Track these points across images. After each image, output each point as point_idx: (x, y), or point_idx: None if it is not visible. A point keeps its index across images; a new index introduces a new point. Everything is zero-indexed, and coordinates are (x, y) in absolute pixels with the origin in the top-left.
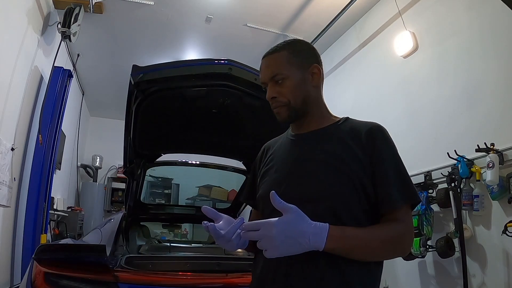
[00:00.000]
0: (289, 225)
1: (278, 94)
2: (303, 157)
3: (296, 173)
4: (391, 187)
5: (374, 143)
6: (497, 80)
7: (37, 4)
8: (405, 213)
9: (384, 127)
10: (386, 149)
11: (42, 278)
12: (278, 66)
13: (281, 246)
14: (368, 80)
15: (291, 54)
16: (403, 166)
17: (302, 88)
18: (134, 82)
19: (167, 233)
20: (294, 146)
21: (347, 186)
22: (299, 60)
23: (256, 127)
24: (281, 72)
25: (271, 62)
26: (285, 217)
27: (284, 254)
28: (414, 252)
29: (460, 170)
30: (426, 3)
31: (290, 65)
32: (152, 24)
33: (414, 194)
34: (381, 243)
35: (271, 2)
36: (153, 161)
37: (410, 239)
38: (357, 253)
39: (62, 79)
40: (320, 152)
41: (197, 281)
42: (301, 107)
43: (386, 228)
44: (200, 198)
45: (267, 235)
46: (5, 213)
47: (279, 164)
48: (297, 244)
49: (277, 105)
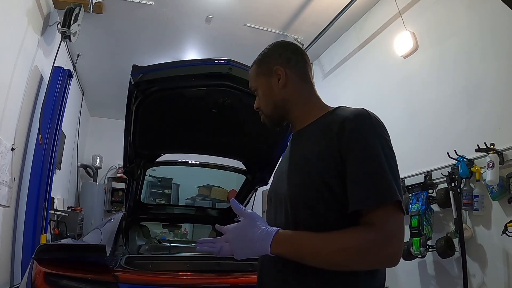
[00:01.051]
0: (241, 231)
1: (258, 105)
2: (286, 158)
3: (281, 175)
4: (356, 186)
5: (344, 136)
6: (497, 80)
7: (37, 4)
8: (382, 216)
9: (365, 115)
10: (356, 142)
11: (42, 278)
12: (251, 80)
13: (237, 250)
14: (368, 80)
15: (257, 65)
16: (380, 161)
17: (270, 95)
18: (134, 82)
19: (167, 233)
20: (288, 147)
21: (310, 187)
22: (263, 69)
23: (256, 127)
24: (252, 85)
25: (249, 77)
26: (240, 223)
27: (245, 256)
28: (414, 252)
29: (460, 170)
30: (426, 3)
31: (258, 76)
32: (152, 24)
33: (388, 193)
34: (338, 251)
35: (271, 2)
36: (153, 161)
37: (389, 246)
38: (308, 260)
39: (62, 79)
40: (294, 153)
41: (197, 281)
42: (275, 113)
43: (350, 234)
44: (200, 198)
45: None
46: (5, 213)
47: (279, 164)
48: (248, 248)
49: (260, 115)
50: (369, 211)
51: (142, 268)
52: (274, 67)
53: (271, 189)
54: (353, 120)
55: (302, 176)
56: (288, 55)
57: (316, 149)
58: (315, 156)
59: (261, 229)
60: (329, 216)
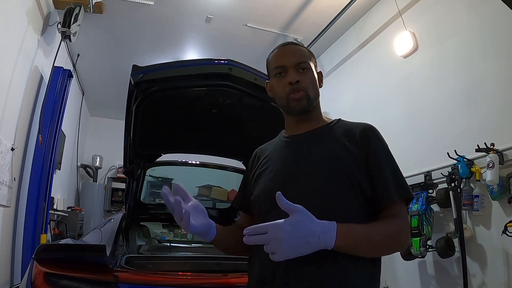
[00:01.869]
0: (298, 226)
1: (303, 81)
2: (300, 157)
3: (293, 173)
4: (388, 183)
5: (369, 141)
6: (497, 80)
7: (37, 4)
8: (400, 208)
9: (376, 128)
10: (380, 148)
11: (42, 278)
12: (304, 57)
13: (289, 248)
14: (368, 80)
15: (310, 53)
16: (397, 164)
17: (316, 85)
18: (134, 82)
19: (167, 233)
20: (289, 147)
21: (343, 183)
22: (314, 61)
23: (256, 127)
24: (307, 62)
25: (296, 50)
26: (293, 217)
27: (292, 256)
28: (414, 252)
29: (460, 170)
30: (426, 3)
31: (310, 61)
32: (152, 24)
33: (408, 191)
34: (384, 238)
35: (271, 2)
36: (153, 161)
37: (408, 233)
38: (363, 249)
39: (62, 79)
40: (316, 152)
41: (197, 281)
42: (314, 101)
43: (387, 223)
44: (200, 198)
45: (276, 238)
46: (5, 213)
47: (274, 165)
48: (306, 244)
49: (300, 89)
50: (392, 205)
51: (142, 268)
52: (318, 68)
53: (266, 192)
54: (372, 129)
55: (335, 173)
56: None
57: (344, 150)
58: (345, 156)
59: (322, 222)
60: (357, 211)
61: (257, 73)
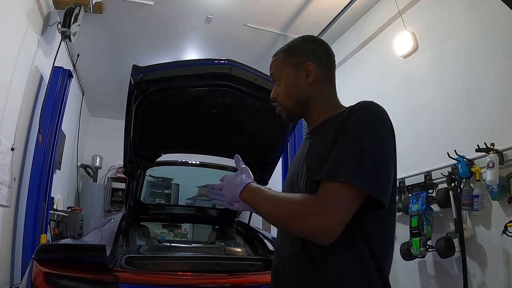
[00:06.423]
0: (231, 178)
1: (276, 95)
2: (303, 156)
3: (298, 173)
4: (327, 162)
5: (344, 127)
6: (496, 80)
7: (37, 4)
8: (327, 189)
9: (370, 105)
10: (350, 128)
11: (42, 278)
12: (274, 68)
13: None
14: (368, 80)
15: (286, 55)
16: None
17: (294, 89)
18: (134, 82)
19: (167, 233)
20: (303, 145)
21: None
22: (293, 60)
23: (256, 127)
24: (276, 73)
25: (271, 63)
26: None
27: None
28: (414, 252)
29: (460, 170)
30: (426, 3)
31: (285, 66)
32: (152, 24)
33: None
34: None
35: (271, 2)
36: (153, 161)
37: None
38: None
39: (62, 79)
40: (311, 151)
41: (197, 281)
42: (294, 108)
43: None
44: (200, 198)
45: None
46: (5, 213)
47: (292, 163)
48: (231, 193)
49: (276, 105)
50: (322, 183)
51: (142, 268)
52: (306, 62)
53: (285, 188)
54: (354, 113)
55: (313, 171)
56: (320, 54)
57: (328, 147)
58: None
59: (242, 178)
60: None
61: (257, 73)
